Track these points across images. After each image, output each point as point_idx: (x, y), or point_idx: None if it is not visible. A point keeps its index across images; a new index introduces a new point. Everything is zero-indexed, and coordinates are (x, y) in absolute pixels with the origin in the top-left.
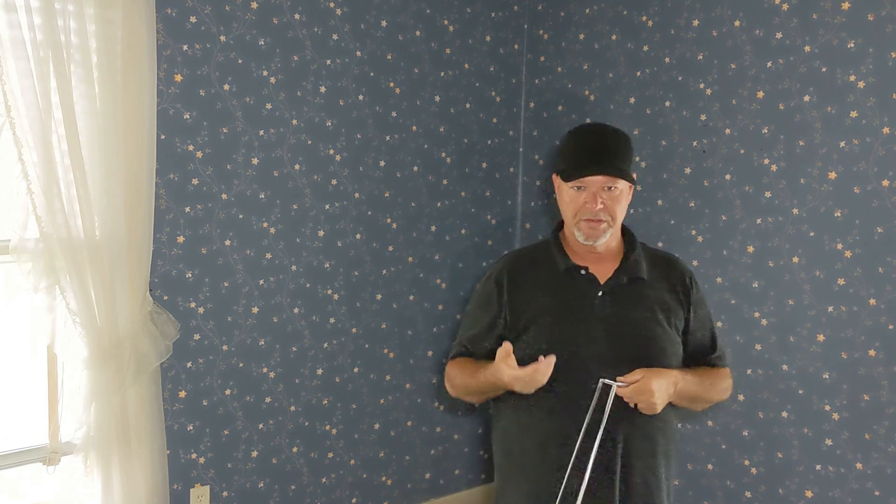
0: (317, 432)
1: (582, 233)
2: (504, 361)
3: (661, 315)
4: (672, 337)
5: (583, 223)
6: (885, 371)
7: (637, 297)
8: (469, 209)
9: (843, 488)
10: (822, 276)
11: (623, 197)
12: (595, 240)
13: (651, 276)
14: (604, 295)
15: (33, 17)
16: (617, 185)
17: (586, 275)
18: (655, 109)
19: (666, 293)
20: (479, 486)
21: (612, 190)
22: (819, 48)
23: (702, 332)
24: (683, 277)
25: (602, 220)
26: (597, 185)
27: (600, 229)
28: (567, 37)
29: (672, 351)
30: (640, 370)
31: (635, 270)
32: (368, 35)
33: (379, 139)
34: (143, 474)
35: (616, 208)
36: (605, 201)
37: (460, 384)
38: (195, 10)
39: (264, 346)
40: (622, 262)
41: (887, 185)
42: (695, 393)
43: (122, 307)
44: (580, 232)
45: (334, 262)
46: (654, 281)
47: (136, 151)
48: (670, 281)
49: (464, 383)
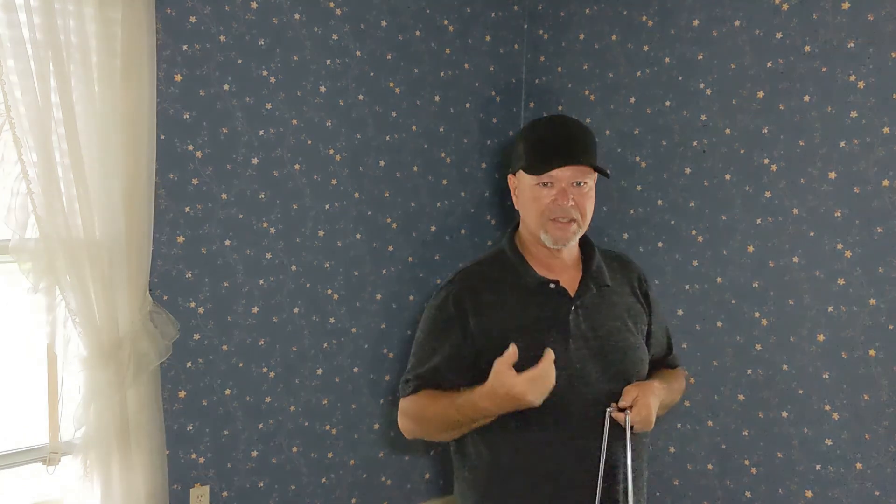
0: (317, 432)
1: (550, 235)
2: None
3: (630, 322)
4: (642, 344)
5: (551, 224)
6: (885, 371)
7: (606, 306)
8: (469, 209)
9: (843, 488)
10: (822, 276)
11: (592, 194)
12: (565, 242)
13: (613, 282)
14: (576, 309)
15: (33, 16)
16: (586, 181)
17: (556, 289)
18: (655, 109)
19: (629, 297)
20: None
21: (581, 186)
22: (819, 48)
23: (660, 333)
24: (639, 277)
25: (572, 220)
26: (565, 180)
27: (570, 231)
28: (567, 37)
29: (645, 359)
30: (631, 388)
31: (600, 278)
32: (368, 35)
33: (379, 139)
34: (143, 474)
35: (587, 206)
36: (576, 198)
37: (434, 417)
38: (195, 10)
39: (264, 346)
40: (585, 269)
41: (887, 185)
42: (667, 401)
43: (122, 307)
44: (548, 235)
45: (334, 262)
46: (617, 286)
47: (136, 151)
48: (630, 283)
49: (440, 415)
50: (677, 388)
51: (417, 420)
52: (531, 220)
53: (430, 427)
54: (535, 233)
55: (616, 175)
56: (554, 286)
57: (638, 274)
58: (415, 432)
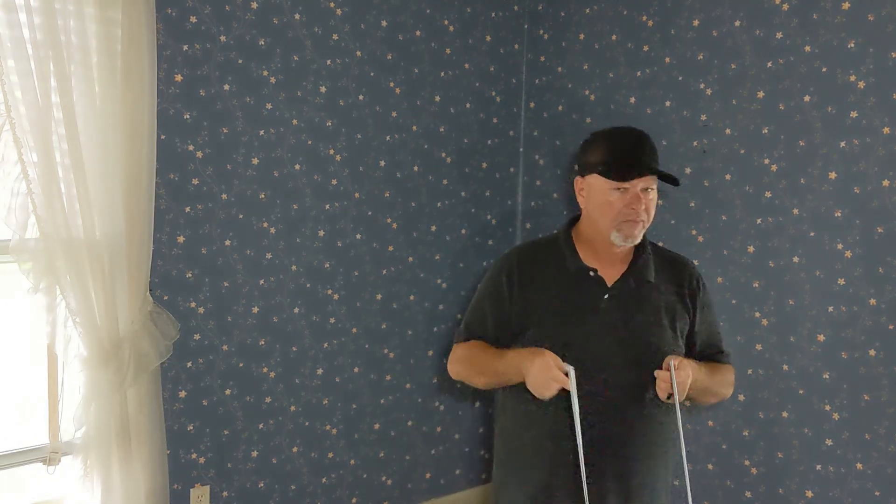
0: (317, 432)
1: (622, 234)
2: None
3: (665, 319)
4: (674, 341)
5: (624, 225)
6: (885, 371)
7: (643, 300)
8: (469, 209)
9: (843, 488)
10: (822, 276)
11: (656, 198)
12: (634, 240)
13: (658, 279)
14: (610, 297)
15: (33, 16)
16: (653, 188)
17: (594, 276)
18: (655, 109)
19: (673, 296)
20: (479, 486)
21: (649, 192)
22: (819, 48)
23: (707, 333)
24: (692, 280)
25: (640, 221)
26: (638, 187)
27: (638, 230)
28: (567, 37)
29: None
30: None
31: (643, 273)
32: (368, 35)
33: (379, 139)
34: (143, 474)
35: (652, 210)
36: (645, 203)
37: (478, 363)
38: (195, 10)
39: (264, 346)
40: (631, 264)
41: (887, 185)
42: (706, 384)
43: (122, 307)
44: (620, 234)
45: (334, 262)
46: (661, 283)
47: (136, 151)
48: (678, 283)
49: (485, 362)
50: (720, 379)
51: (465, 362)
52: (604, 220)
53: (474, 370)
54: (606, 232)
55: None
56: (593, 274)
57: (692, 276)
58: (460, 374)
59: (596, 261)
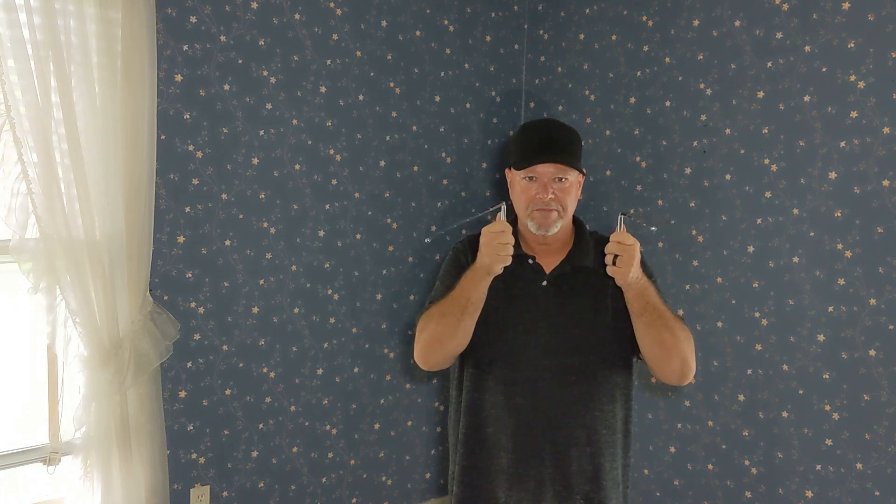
0: (317, 432)
1: (534, 222)
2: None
3: (607, 302)
4: (615, 323)
5: (535, 213)
6: (885, 371)
7: (581, 286)
8: (469, 209)
9: (843, 488)
10: (822, 276)
11: (573, 189)
12: (547, 229)
13: (598, 263)
14: (547, 285)
15: (33, 16)
16: (567, 177)
17: (533, 264)
18: (655, 109)
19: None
20: None
21: (562, 181)
22: (819, 48)
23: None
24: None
25: (553, 210)
26: (547, 175)
27: (551, 219)
28: (567, 37)
29: (613, 338)
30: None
31: (580, 259)
32: (368, 35)
33: (379, 139)
34: (143, 474)
35: (566, 199)
36: (556, 192)
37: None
38: (195, 10)
39: (264, 346)
40: (569, 252)
41: (887, 185)
42: (657, 306)
43: (122, 307)
44: (532, 222)
45: (334, 262)
46: (601, 267)
47: (137, 151)
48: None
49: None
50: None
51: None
52: (520, 209)
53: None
54: (523, 221)
55: (616, 175)
56: (532, 262)
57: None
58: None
59: (535, 251)
